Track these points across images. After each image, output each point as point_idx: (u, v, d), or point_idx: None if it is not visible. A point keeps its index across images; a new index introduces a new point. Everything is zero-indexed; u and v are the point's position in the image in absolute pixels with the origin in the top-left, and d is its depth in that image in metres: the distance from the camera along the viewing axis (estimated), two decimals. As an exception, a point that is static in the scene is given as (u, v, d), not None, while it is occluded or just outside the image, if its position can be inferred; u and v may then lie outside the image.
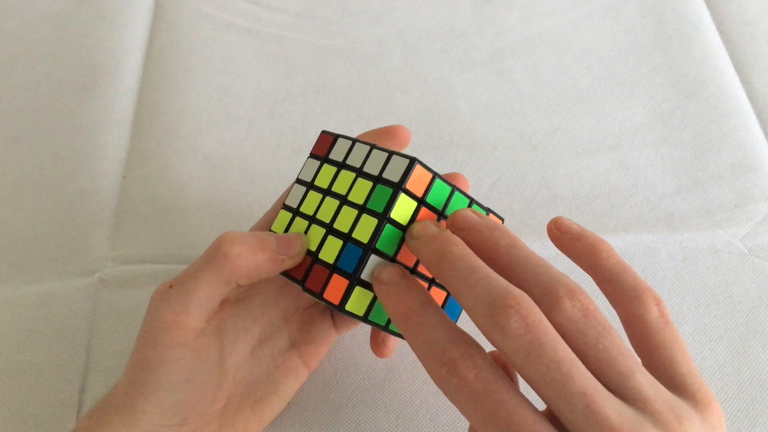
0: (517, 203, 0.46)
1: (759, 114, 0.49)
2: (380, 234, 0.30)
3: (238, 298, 0.35)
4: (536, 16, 0.55)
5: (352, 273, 0.30)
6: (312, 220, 0.33)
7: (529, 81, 0.51)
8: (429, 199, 0.31)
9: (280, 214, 0.34)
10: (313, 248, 0.32)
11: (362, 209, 0.31)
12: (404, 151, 0.36)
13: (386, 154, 0.31)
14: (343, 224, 0.31)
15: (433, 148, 0.48)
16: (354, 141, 0.33)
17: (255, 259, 0.31)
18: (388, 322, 0.32)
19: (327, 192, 0.33)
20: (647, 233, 0.44)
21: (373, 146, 0.32)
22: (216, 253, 0.30)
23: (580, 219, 0.44)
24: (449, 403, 0.38)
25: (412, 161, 0.30)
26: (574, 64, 0.52)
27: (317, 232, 0.32)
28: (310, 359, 0.37)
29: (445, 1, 0.56)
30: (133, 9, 0.56)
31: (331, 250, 0.31)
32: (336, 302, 0.30)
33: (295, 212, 0.34)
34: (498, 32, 0.54)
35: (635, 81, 0.51)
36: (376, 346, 0.36)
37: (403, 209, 0.30)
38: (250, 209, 0.45)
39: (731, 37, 0.53)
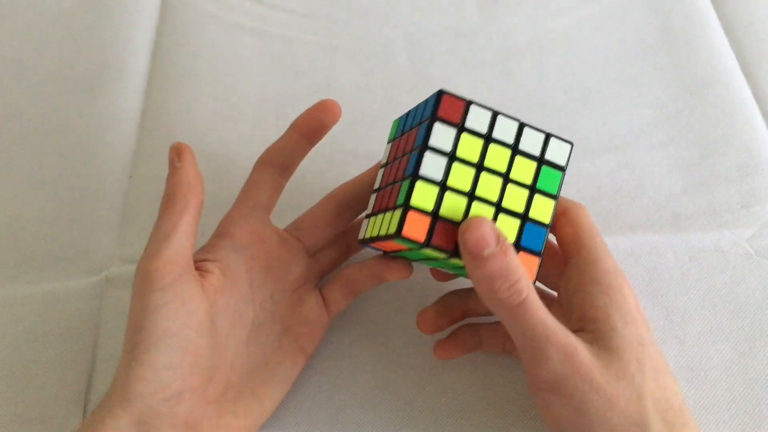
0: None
1: (766, 115, 0.49)
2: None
3: (225, 269, 0.35)
4: (542, 16, 0.55)
5: (540, 251, 0.33)
6: (471, 197, 0.32)
7: (535, 81, 0.51)
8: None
9: (417, 185, 0.31)
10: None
11: (533, 190, 0.33)
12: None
13: (542, 135, 0.33)
14: (514, 204, 0.33)
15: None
16: (492, 111, 0.33)
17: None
18: None
19: (480, 167, 0.32)
20: (653, 233, 0.44)
21: (520, 122, 0.33)
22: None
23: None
24: (453, 403, 0.38)
25: (571, 144, 0.34)
26: (580, 64, 0.52)
27: (483, 209, 0.32)
28: (305, 343, 0.38)
29: (451, 2, 0.56)
30: (139, 9, 0.56)
31: (506, 230, 0.32)
32: (533, 280, 0.33)
33: (443, 186, 0.32)
34: (504, 33, 0.54)
35: (642, 81, 0.51)
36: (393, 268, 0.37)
37: None
38: (256, 209, 0.45)
39: (738, 38, 0.53)
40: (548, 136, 0.33)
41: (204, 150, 0.48)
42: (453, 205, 0.32)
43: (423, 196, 0.31)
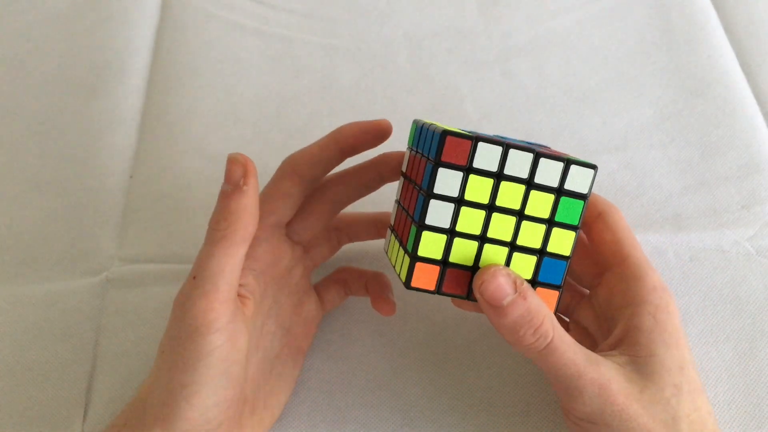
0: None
1: (766, 115, 0.49)
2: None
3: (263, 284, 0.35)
4: (543, 16, 0.55)
5: (560, 284, 0.32)
6: (482, 239, 0.31)
7: (535, 81, 0.51)
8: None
9: (423, 235, 0.30)
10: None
11: (551, 223, 0.31)
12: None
13: (561, 164, 0.30)
14: (530, 241, 0.31)
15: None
16: (503, 145, 0.30)
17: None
18: None
19: (491, 208, 0.31)
20: (654, 233, 0.44)
21: (535, 153, 0.30)
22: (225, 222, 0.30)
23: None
24: (454, 403, 0.38)
25: (595, 168, 0.31)
26: (580, 64, 0.52)
27: (496, 251, 0.31)
28: (303, 342, 0.38)
29: (451, 2, 0.56)
30: (140, 9, 0.56)
31: (522, 267, 0.31)
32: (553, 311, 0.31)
33: (451, 233, 0.31)
34: (504, 32, 0.54)
35: (642, 81, 0.51)
36: (381, 303, 0.37)
37: None
38: (257, 209, 0.46)
39: (738, 38, 0.53)
40: (568, 163, 0.30)
41: (204, 150, 0.48)
42: (463, 251, 0.31)
43: (430, 245, 0.31)
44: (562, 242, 0.31)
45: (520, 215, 0.31)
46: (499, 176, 0.30)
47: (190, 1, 0.56)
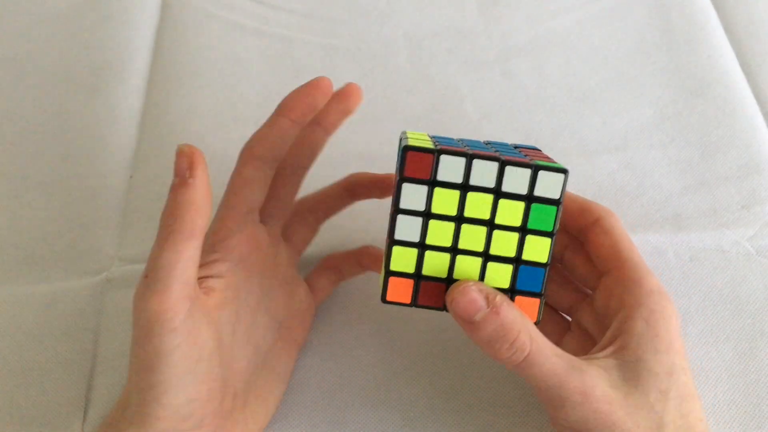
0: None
1: (766, 115, 0.49)
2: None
3: (227, 286, 0.34)
4: (543, 16, 0.55)
5: (540, 292, 0.31)
6: (454, 251, 0.31)
7: (535, 81, 0.51)
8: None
9: (393, 250, 0.31)
10: (475, 278, 0.31)
11: (524, 231, 0.31)
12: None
13: (528, 171, 0.30)
14: (504, 249, 0.31)
15: (440, 149, 0.48)
16: (466, 155, 0.30)
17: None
18: None
19: (460, 219, 0.31)
20: (654, 233, 0.44)
21: (501, 161, 0.30)
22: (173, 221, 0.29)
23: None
24: (454, 404, 0.38)
25: (566, 173, 0.30)
26: (580, 64, 0.52)
27: (469, 262, 0.31)
28: (298, 334, 0.38)
29: (451, 2, 0.56)
30: (139, 9, 0.56)
31: (498, 277, 0.31)
32: (535, 320, 0.31)
33: (421, 246, 0.31)
34: (504, 33, 0.54)
35: (642, 81, 0.51)
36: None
37: None
38: (257, 209, 0.45)
39: (738, 38, 0.53)
40: (536, 169, 0.30)
41: (204, 150, 0.48)
42: (436, 263, 0.31)
43: (402, 260, 0.31)
44: (538, 249, 0.31)
45: (491, 225, 0.31)
46: (465, 187, 0.30)
47: (190, 1, 0.56)
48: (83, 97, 0.51)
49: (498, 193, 0.30)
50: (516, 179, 0.30)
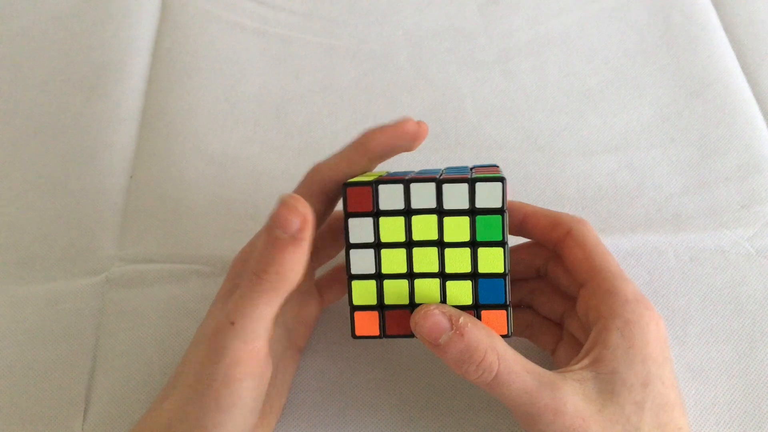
0: (524, 204, 0.46)
1: (766, 115, 0.49)
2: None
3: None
4: (543, 16, 0.55)
5: (504, 303, 0.31)
6: (411, 276, 0.31)
7: (535, 81, 0.51)
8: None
9: (353, 285, 0.32)
10: (437, 300, 0.32)
11: (474, 245, 0.31)
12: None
13: (465, 185, 0.30)
14: (459, 266, 0.31)
15: (439, 149, 0.48)
16: (402, 182, 0.30)
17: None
18: None
19: (410, 244, 0.31)
20: (654, 234, 0.44)
21: (436, 180, 0.30)
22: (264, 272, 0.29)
23: (587, 219, 0.44)
24: (454, 403, 0.38)
25: (503, 181, 0.30)
26: (580, 64, 0.52)
27: (428, 284, 0.31)
28: (301, 341, 0.38)
29: (451, 2, 0.56)
30: (139, 9, 0.56)
31: (460, 294, 0.31)
32: (506, 333, 0.31)
33: (379, 276, 0.31)
34: (504, 32, 0.54)
35: (642, 81, 0.51)
36: None
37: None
38: (257, 209, 0.46)
39: (738, 38, 0.53)
40: (472, 182, 0.30)
41: (204, 150, 0.48)
42: (396, 291, 0.31)
43: (363, 293, 0.31)
44: (493, 260, 0.31)
45: (441, 244, 0.31)
46: (408, 212, 0.31)
47: (190, 1, 0.56)
48: (83, 97, 0.51)
49: (441, 212, 0.31)
50: (455, 195, 0.30)
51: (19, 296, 0.42)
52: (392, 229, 0.31)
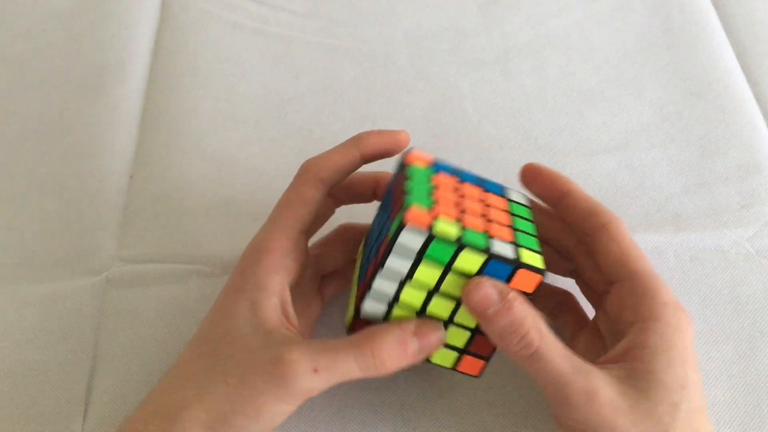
0: (524, 203, 0.45)
1: (766, 115, 0.49)
2: None
3: None
4: (543, 16, 0.55)
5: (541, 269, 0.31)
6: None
7: (535, 81, 0.51)
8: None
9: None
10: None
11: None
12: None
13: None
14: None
15: (439, 149, 0.48)
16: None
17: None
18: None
19: (435, 291, 0.32)
20: (654, 233, 0.44)
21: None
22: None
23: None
24: (453, 404, 0.38)
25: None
26: (580, 64, 0.52)
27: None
28: (305, 334, 0.38)
29: (451, 2, 0.56)
30: (139, 9, 0.56)
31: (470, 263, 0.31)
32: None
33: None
34: (504, 32, 0.54)
35: (642, 81, 0.51)
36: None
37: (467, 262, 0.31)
38: (257, 209, 0.45)
39: (738, 38, 0.53)
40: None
41: (204, 150, 0.48)
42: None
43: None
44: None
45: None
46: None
47: (190, 1, 0.56)
48: (83, 97, 0.51)
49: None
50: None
51: (18, 296, 0.42)
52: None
